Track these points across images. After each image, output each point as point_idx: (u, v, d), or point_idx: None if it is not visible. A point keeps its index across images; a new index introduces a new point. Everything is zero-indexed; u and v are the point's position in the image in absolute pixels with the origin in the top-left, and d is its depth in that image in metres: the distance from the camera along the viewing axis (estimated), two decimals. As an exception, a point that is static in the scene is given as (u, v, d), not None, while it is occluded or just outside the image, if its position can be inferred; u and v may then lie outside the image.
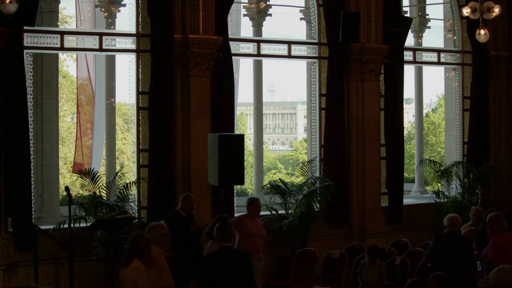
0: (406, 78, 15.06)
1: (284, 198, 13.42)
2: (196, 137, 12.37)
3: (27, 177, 11.39)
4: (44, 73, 13.71)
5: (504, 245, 9.06)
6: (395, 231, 14.33)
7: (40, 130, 13.63)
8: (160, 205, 12.25)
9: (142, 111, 12.53)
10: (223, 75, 12.86)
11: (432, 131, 42.33)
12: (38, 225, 11.54)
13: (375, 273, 10.81)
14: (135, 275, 7.34)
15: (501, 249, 9.03)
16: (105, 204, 11.80)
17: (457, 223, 9.47)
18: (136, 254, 7.42)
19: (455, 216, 9.58)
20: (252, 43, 13.95)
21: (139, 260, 7.42)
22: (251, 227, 10.98)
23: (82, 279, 11.51)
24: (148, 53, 12.49)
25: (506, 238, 9.16)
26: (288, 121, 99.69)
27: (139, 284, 7.33)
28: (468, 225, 11.99)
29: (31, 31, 11.75)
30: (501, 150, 16.63)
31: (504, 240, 9.15)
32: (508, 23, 16.40)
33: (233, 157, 10.62)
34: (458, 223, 9.54)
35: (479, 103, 16.17)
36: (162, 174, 12.31)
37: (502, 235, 9.24)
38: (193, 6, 12.42)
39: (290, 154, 57.96)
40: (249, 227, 10.97)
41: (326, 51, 14.27)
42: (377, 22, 14.36)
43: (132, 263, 7.38)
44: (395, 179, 14.84)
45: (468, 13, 12.96)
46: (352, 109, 14.35)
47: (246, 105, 69.78)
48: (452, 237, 9.28)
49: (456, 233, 9.35)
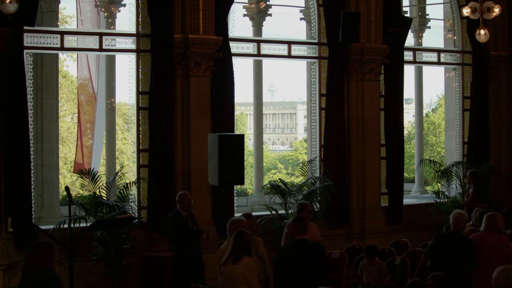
0: (406, 78, 15.08)
1: (284, 198, 13.41)
2: (196, 137, 12.38)
3: (27, 177, 11.40)
4: (44, 73, 13.72)
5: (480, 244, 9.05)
6: (395, 231, 14.32)
7: (40, 130, 13.63)
8: (160, 205, 12.26)
9: (142, 111, 12.53)
10: (223, 75, 12.86)
11: (432, 131, 42.32)
12: (38, 225, 11.53)
13: (375, 273, 10.79)
14: (246, 270, 7.60)
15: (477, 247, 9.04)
16: (105, 204, 11.80)
17: (460, 223, 9.40)
18: (245, 250, 7.68)
19: (458, 215, 9.46)
20: (252, 43, 13.96)
21: (247, 255, 7.67)
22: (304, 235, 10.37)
23: (82, 279, 11.51)
24: (148, 53, 12.50)
25: (485, 236, 9.14)
26: (288, 121, 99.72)
27: (250, 279, 7.60)
28: (469, 225, 11.99)
29: (31, 31, 11.75)
30: (501, 150, 16.64)
31: (482, 238, 9.14)
32: (508, 23, 16.41)
33: (233, 157, 10.61)
34: (461, 222, 9.46)
35: (479, 103, 16.17)
36: (162, 174, 12.32)
37: (481, 234, 9.23)
38: (193, 6, 12.43)
39: (290, 154, 57.93)
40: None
41: (326, 51, 14.28)
42: (377, 22, 14.37)
43: (242, 259, 7.62)
44: (395, 179, 14.85)
45: (468, 13, 12.97)
46: (352, 109, 14.35)
47: (246, 105, 69.91)
48: (452, 236, 9.25)
49: (457, 232, 9.31)
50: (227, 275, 7.72)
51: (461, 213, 9.49)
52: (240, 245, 7.70)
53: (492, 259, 8.58)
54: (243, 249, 7.69)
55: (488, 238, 9.01)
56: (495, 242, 8.96)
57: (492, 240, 8.97)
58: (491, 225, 9.12)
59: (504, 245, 9.01)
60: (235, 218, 8.82)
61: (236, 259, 7.65)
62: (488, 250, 8.91)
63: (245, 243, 7.73)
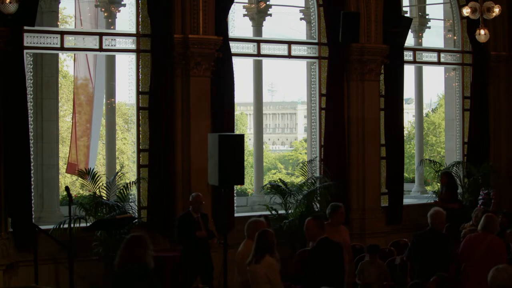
0: (406, 78, 15.09)
1: (284, 198, 13.42)
2: (196, 137, 12.38)
3: (27, 177, 11.40)
4: (44, 73, 13.70)
5: (473, 244, 9.05)
6: (395, 231, 14.33)
7: (40, 130, 13.62)
8: (160, 205, 12.27)
9: (142, 111, 12.54)
10: (223, 75, 12.87)
11: (432, 131, 42.34)
12: (38, 225, 11.55)
13: (376, 273, 10.78)
14: (268, 270, 7.65)
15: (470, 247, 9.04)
16: (105, 204, 11.81)
17: (437, 220, 9.25)
18: (267, 249, 7.72)
19: (435, 212, 9.32)
20: (252, 43, 13.96)
21: (270, 255, 7.72)
22: (334, 238, 9.59)
23: (82, 279, 11.52)
24: (148, 53, 12.50)
25: (478, 237, 9.14)
26: (288, 121, 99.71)
27: (272, 279, 7.66)
28: (469, 225, 11.99)
29: (31, 31, 11.75)
30: (501, 150, 16.64)
31: (475, 239, 9.14)
32: (508, 23, 16.42)
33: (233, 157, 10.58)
34: (438, 219, 9.30)
35: (479, 103, 16.18)
36: (162, 174, 12.32)
37: (476, 234, 9.24)
38: (193, 6, 12.43)
39: (290, 154, 57.93)
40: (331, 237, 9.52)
41: (326, 51, 14.28)
42: (377, 22, 14.37)
43: (264, 259, 7.67)
44: (395, 179, 14.85)
45: (468, 13, 12.97)
46: (352, 109, 14.35)
47: (246, 105, 69.89)
48: (429, 234, 9.19)
49: (433, 230, 9.20)
50: (251, 275, 7.81)
51: (438, 211, 9.35)
52: (262, 245, 7.75)
53: (486, 259, 8.59)
54: (265, 249, 7.74)
55: (483, 238, 9.02)
56: (490, 243, 8.96)
57: (487, 241, 8.98)
58: (488, 226, 9.12)
59: (499, 246, 9.02)
60: (254, 219, 8.82)
61: (259, 259, 7.71)
62: (483, 250, 8.92)
63: (267, 243, 7.78)
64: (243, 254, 8.25)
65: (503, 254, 8.96)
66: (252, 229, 8.37)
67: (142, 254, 6.34)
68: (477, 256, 8.84)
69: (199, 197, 11.25)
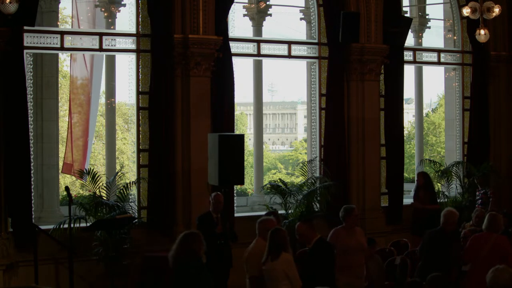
0: (406, 78, 15.08)
1: (284, 198, 13.41)
2: (196, 137, 12.38)
3: (27, 177, 11.39)
4: (44, 73, 13.69)
5: (479, 244, 9.07)
6: (395, 231, 14.33)
7: (40, 130, 13.61)
8: (160, 205, 12.27)
9: (142, 111, 12.54)
10: (223, 75, 12.86)
11: (432, 131, 42.34)
12: (38, 225, 11.54)
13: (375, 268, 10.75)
14: (287, 266, 7.79)
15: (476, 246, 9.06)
16: (105, 204, 11.80)
17: (449, 220, 9.32)
18: (283, 246, 7.87)
19: (448, 213, 9.40)
20: (252, 43, 13.95)
21: (285, 251, 7.86)
22: (349, 241, 9.69)
23: (82, 279, 11.52)
24: (148, 53, 12.49)
25: (483, 237, 9.16)
26: (288, 121, 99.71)
27: (290, 274, 7.80)
28: (469, 225, 11.99)
29: (31, 31, 11.75)
30: (501, 150, 16.64)
31: (481, 238, 9.16)
32: (508, 23, 16.42)
33: (233, 157, 10.60)
34: (450, 220, 9.37)
35: (479, 103, 16.17)
36: (162, 174, 12.32)
37: (481, 234, 9.26)
38: (193, 6, 12.43)
39: (290, 154, 57.95)
40: (346, 241, 9.68)
41: (326, 51, 14.28)
42: (377, 22, 14.37)
43: (281, 256, 7.80)
44: (395, 179, 14.85)
45: (468, 13, 12.97)
46: (352, 109, 14.35)
47: (246, 105, 69.89)
48: (436, 235, 9.22)
49: (442, 231, 9.24)
50: (268, 273, 7.88)
51: (451, 211, 9.45)
52: (277, 242, 7.86)
53: (490, 259, 8.60)
54: (280, 246, 7.85)
55: (488, 238, 9.03)
56: (494, 242, 8.97)
57: (492, 240, 8.99)
58: (492, 226, 9.13)
59: (504, 245, 9.03)
60: (265, 217, 8.85)
61: (275, 256, 7.82)
62: (487, 250, 8.93)
63: (281, 240, 7.89)
64: (253, 251, 8.36)
65: (509, 252, 8.96)
66: (263, 228, 8.45)
67: (198, 249, 6.89)
68: (483, 256, 8.85)
69: (219, 196, 10.82)
